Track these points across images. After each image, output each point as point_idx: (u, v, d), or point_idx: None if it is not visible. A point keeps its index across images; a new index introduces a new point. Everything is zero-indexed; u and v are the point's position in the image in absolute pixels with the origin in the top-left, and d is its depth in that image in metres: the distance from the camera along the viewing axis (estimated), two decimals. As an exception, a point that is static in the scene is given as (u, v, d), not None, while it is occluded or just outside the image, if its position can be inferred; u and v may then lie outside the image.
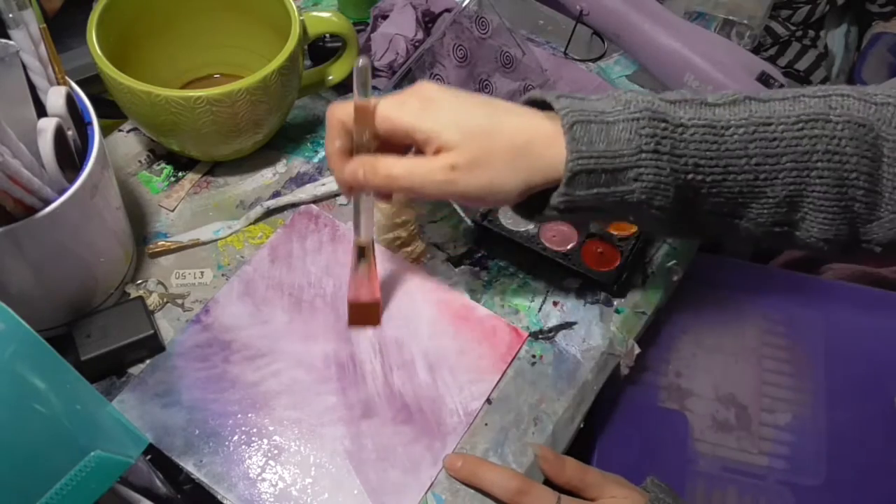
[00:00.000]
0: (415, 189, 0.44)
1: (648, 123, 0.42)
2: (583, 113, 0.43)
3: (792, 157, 0.42)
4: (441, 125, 0.43)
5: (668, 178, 0.43)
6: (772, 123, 0.42)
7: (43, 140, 0.45)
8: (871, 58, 1.07)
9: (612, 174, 0.43)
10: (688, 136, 0.43)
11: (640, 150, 0.42)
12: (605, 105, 0.44)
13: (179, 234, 0.60)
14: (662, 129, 0.42)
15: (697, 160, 0.43)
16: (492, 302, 0.59)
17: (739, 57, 0.71)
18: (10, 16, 0.46)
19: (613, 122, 0.42)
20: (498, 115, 0.44)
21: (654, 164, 0.42)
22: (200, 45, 0.67)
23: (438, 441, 0.52)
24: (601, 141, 0.42)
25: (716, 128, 0.43)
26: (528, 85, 0.67)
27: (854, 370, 0.62)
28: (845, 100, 0.43)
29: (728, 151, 0.43)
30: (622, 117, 0.42)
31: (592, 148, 0.42)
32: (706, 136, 0.43)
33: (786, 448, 0.58)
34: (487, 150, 0.43)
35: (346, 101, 0.47)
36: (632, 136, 0.42)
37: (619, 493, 0.49)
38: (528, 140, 0.43)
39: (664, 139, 0.42)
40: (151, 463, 0.49)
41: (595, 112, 0.43)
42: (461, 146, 0.43)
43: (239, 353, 0.54)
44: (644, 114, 0.42)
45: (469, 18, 0.63)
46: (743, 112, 0.43)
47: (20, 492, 0.39)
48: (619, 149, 0.42)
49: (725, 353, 0.63)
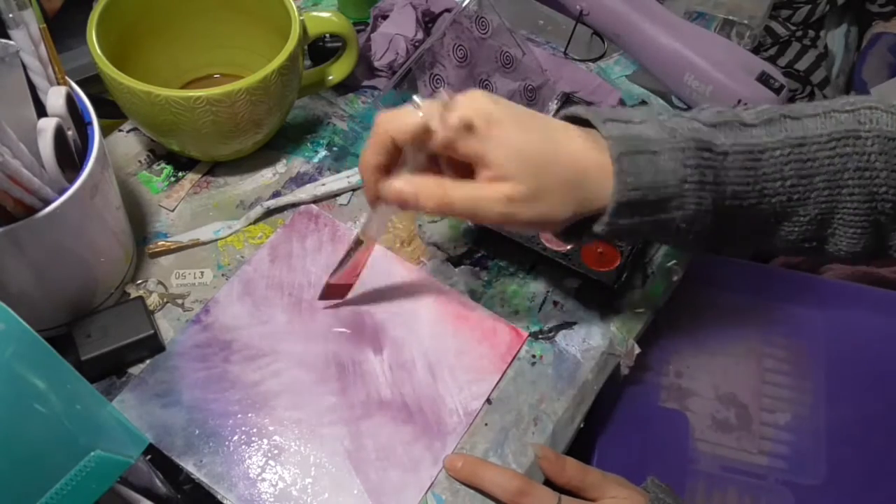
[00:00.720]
0: (471, 216, 0.44)
1: (694, 154, 0.42)
2: (630, 143, 0.43)
3: (825, 178, 0.43)
4: (504, 156, 0.42)
5: (709, 206, 0.43)
6: (805, 144, 0.43)
7: (43, 140, 0.45)
8: (871, 58, 1.07)
9: (655, 203, 0.43)
10: (728, 163, 0.43)
11: (685, 181, 0.42)
12: (651, 131, 0.43)
13: (179, 234, 0.60)
14: (707, 159, 0.43)
15: (736, 187, 0.43)
16: (492, 302, 0.59)
17: (739, 57, 0.71)
18: (10, 16, 0.46)
19: (660, 151, 0.43)
20: (554, 142, 0.43)
21: (696, 194, 0.43)
22: (200, 45, 0.67)
23: (438, 441, 0.52)
24: (648, 172, 0.42)
25: (754, 153, 0.43)
26: (529, 85, 0.68)
27: (854, 370, 0.62)
28: (874, 113, 0.43)
29: (764, 175, 0.43)
30: (668, 146, 0.43)
31: (639, 180, 0.42)
32: (745, 163, 0.43)
33: (786, 448, 0.58)
34: (545, 182, 0.43)
35: (396, 110, 0.44)
36: (677, 166, 0.42)
37: (619, 494, 0.49)
38: (581, 172, 0.43)
39: (708, 169, 0.43)
40: (151, 463, 0.49)
41: (641, 140, 0.43)
42: (520, 178, 0.42)
43: (239, 353, 0.54)
44: (690, 143, 0.43)
45: (469, 18, 0.63)
46: (778, 132, 0.43)
47: (20, 492, 0.39)
48: (665, 180, 0.42)
49: (725, 353, 0.63)
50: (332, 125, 0.69)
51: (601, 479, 0.50)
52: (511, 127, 0.43)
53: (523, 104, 0.66)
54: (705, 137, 0.43)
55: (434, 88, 0.62)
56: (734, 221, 0.45)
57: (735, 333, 0.64)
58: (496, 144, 0.42)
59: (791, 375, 0.62)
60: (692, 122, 0.44)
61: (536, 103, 0.68)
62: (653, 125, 0.44)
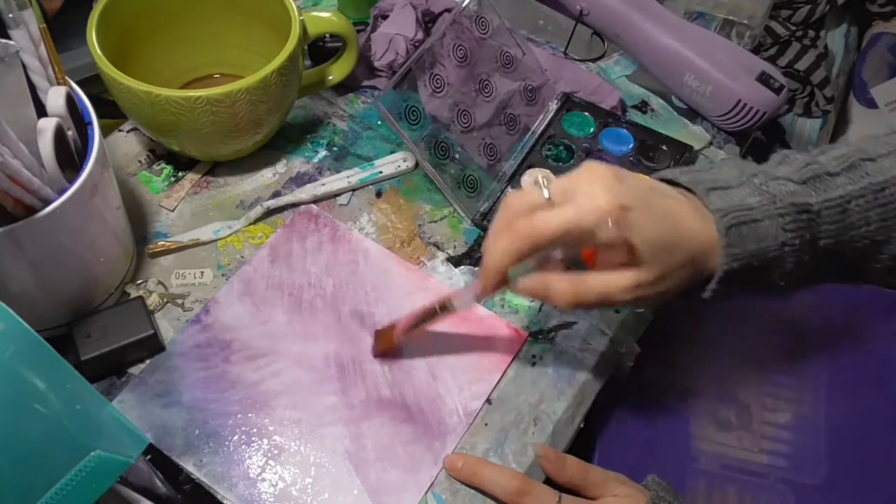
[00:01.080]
0: (603, 304, 0.45)
1: (794, 218, 0.44)
2: (735, 215, 0.44)
3: None
4: (640, 243, 0.43)
5: (806, 261, 0.45)
6: (885, 188, 0.45)
7: (43, 140, 0.45)
8: (871, 58, 1.07)
9: (758, 268, 0.45)
10: (821, 220, 0.45)
11: (785, 245, 0.44)
12: (751, 197, 0.45)
13: (179, 234, 0.60)
14: (805, 221, 0.45)
15: (828, 240, 0.45)
16: (492, 302, 0.59)
17: (739, 57, 0.71)
18: (10, 16, 0.46)
19: (761, 219, 0.44)
20: (677, 223, 0.44)
21: (796, 254, 0.45)
22: (200, 45, 0.67)
23: (438, 441, 0.51)
24: (752, 241, 0.44)
25: (842, 205, 0.45)
26: (529, 85, 0.68)
27: (854, 369, 0.62)
28: None
29: (851, 223, 0.45)
30: (769, 213, 0.44)
31: (745, 249, 0.44)
32: (835, 216, 0.45)
33: (786, 447, 0.58)
34: (671, 264, 0.44)
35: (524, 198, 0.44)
36: (778, 231, 0.44)
37: (620, 492, 0.49)
38: (699, 251, 0.44)
39: (806, 230, 0.45)
40: (151, 463, 0.49)
41: (744, 210, 0.44)
42: (650, 263, 0.43)
43: (239, 353, 0.54)
44: (789, 209, 0.44)
45: (469, 18, 0.63)
46: (860, 179, 0.45)
47: (20, 492, 0.39)
48: (768, 246, 0.44)
49: (726, 352, 0.63)
50: (332, 125, 0.69)
51: (602, 477, 0.50)
52: (642, 212, 0.43)
53: (523, 104, 0.67)
54: (800, 199, 0.45)
55: (434, 88, 0.62)
56: (826, 268, 0.47)
57: (735, 332, 0.64)
58: (634, 232, 0.42)
59: (791, 374, 0.61)
60: (787, 183, 0.46)
61: (536, 103, 0.68)
62: (749, 188, 0.46)
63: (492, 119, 0.65)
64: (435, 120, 0.62)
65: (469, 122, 0.64)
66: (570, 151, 0.68)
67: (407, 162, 0.66)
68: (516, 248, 0.44)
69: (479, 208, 0.63)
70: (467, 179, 0.63)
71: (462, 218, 0.63)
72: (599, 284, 0.44)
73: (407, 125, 0.61)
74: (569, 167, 0.66)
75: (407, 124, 0.61)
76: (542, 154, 0.67)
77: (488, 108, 0.65)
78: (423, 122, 0.62)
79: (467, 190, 0.63)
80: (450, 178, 0.62)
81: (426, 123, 0.62)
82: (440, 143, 0.62)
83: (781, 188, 0.45)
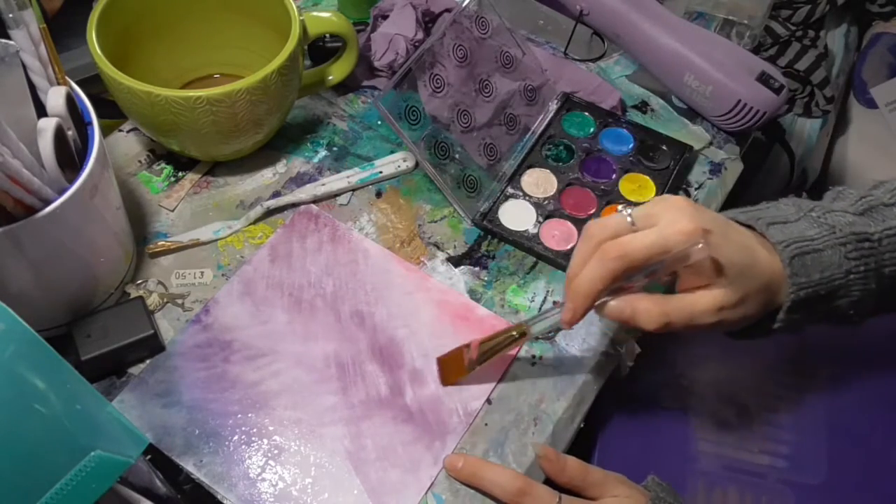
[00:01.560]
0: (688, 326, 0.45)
1: (856, 247, 0.46)
2: (797, 245, 0.46)
3: None
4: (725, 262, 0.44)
5: (872, 289, 0.47)
6: None
7: (43, 140, 0.45)
8: (871, 58, 1.07)
9: (825, 297, 0.46)
10: (883, 247, 0.47)
11: (850, 273, 0.46)
12: (811, 229, 0.47)
13: (179, 234, 0.60)
14: (867, 249, 0.46)
15: (891, 267, 0.47)
16: (492, 302, 0.59)
17: (739, 57, 0.70)
18: (10, 16, 0.46)
19: (823, 248, 0.46)
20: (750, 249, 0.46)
21: (861, 282, 0.46)
22: (200, 45, 0.67)
23: (438, 441, 0.51)
24: (816, 270, 0.46)
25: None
26: (529, 85, 0.68)
27: (855, 369, 0.62)
28: None
29: None
30: (830, 243, 0.46)
31: (810, 279, 0.46)
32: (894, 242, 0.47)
33: (787, 447, 0.58)
34: (747, 290, 0.45)
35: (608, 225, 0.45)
36: (841, 259, 0.46)
37: (620, 492, 0.49)
38: (771, 279, 0.46)
39: (869, 258, 0.46)
40: (151, 463, 0.49)
41: (805, 240, 0.46)
42: (732, 285, 0.44)
43: (239, 353, 0.54)
44: (850, 238, 0.46)
45: (469, 18, 0.63)
46: None
47: (20, 492, 0.39)
48: (832, 274, 0.46)
49: (726, 352, 0.63)
50: (332, 125, 0.69)
51: (602, 478, 0.50)
52: (722, 236, 0.44)
53: (523, 104, 0.67)
54: (860, 229, 0.46)
55: (434, 88, 0.62)
56: (892, 294, 0.48)
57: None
58: (719, 252, 0.44)
59: (792, 374, 0.61)
60: (845, 214, 0.47)
61: (536, 103, 0.68)
62: (808, 221, 0.47)
63: (492, 119, 0.65)
64: (435, 120, 0.62)
65: (469, 122, 0.64)
66: (570, 151, 0.68)
67: (407, 162, 0.66)
68: (609, 269, 0.44)
69: (478, 208, 0.63)
70: (467, 179, 0.63)
71: (462, 218, 0.63)
72: (685, 305, 0.45)
73: (407, 125, 0.61)
74: (569, 167, 0.66)
75: (407, 124, 0.61)
76: (542, 154, 0.67)
77: (488, 108, 0.65)
78: (423, 122, 0.62)
79: (467, 190, 0.63)
80: (450, 178, 0.62)
81: (426, 123, 0.62)
82: (440, 143, 0.62)
83: (840, 219, 0.47)
